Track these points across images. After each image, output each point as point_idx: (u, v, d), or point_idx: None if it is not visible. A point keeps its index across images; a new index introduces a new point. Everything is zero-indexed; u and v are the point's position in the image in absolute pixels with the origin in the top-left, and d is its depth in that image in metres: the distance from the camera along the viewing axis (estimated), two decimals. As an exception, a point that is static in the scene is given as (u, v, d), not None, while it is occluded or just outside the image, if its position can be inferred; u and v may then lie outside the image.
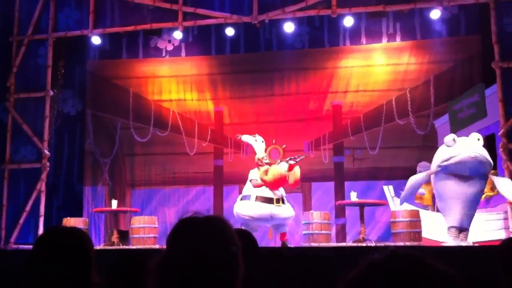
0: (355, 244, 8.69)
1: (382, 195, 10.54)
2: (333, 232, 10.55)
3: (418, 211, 8.96)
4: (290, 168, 8.61)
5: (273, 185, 8.48)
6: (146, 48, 12.63)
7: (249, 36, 12.17)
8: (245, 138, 9.24)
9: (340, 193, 11.43)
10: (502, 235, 8.39)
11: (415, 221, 8.59)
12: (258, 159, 8.82)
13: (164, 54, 12.66)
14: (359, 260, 1.15)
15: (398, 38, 11.83)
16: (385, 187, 10.58)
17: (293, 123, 12.21)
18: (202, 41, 12.44)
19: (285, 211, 8.73)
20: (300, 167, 9.00)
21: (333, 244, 9.28)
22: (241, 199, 8.93)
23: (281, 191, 8.86)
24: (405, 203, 10.23)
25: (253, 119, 12.40)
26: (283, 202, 8.68)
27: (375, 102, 11.96)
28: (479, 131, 10.39)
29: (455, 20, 11.26)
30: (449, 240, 7.62)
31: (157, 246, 9.02)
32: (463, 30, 11.39)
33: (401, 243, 8.25)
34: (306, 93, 12.28)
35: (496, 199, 9.24)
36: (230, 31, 11.82)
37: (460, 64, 11.42)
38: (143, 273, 1.55)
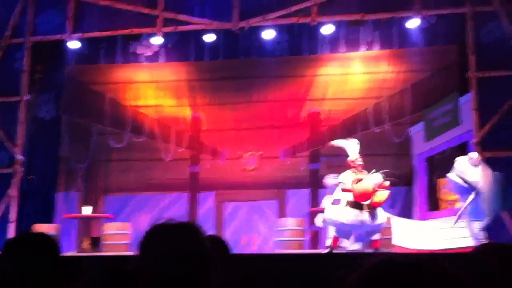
0: (327, 251, 8.70)
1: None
2: (307, 238, 10.56)
3: (389, 218, 9.01)
4: (382, 186, 8.09)
5: (357, 196, 8.09)
6: (125, 53, 12.54)
7: (229, 43, 12.17)
8: (336, 142, 8.99)
9: (315, 200, 11.45)
10: (470, 242, 8.47)
11: (386, 228, 8.63)
12: (351, 161, 8.62)
13: (142, 59, 12.59)
14: (332, 267, 1.14)
15: (376, 47, 11.93)
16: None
17: (271, 130, 12.22)
18: (182, 47, 12.39)
19: (378, 218, 8.19)
20: (278, 174, 8.87)
21: (306, 250, 9.27)
22: (332, 203, 8.57)
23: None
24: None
25: (231, 126, 12.38)
26: (374, 209, 8.18)
27: (353, 110, 12.03)
28: (452, 139, 10.55)
29: (433, 29, 11.39)
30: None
31: (129, 253, 8.92)
32: (441, 40, 11.52)
33: (371, 250, 8.28)
34: (284, 100, 12.30)
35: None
36: (210, 38, 11.79)
37: (437, 73, 11.55)
38: (114, 279, 1.52)
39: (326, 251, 8.44)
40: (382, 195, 7.99)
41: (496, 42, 10.06)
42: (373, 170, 8.30)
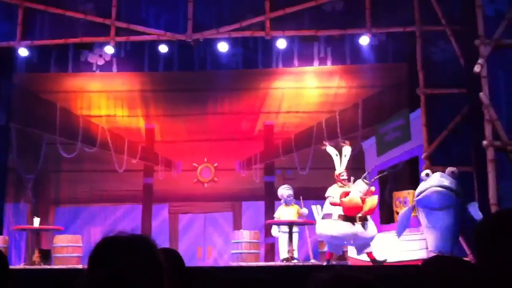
0: (283, 263, 8.74)
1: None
2: (262, 251, 10.58)
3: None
4: (369, 193, 8.21)
5: (347, 210, 8.11)
6: (76, 62, 12.33)
7: (184, 55, 12.15)
8: (329, 149, 8.94)
9: (270, 212, 11.50)
10: (423, 254, 8.69)
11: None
12: (336, 175, 8.59)
13: (94, 68, 12.40)
14: (289, 279, 1.18)
15: (329, 62, 12.16)
16: (313, 207, 10.74)
17: (226, 142, 12.23)
18: (135, 57, 12.29)
19: (370, 229, 8.25)
20: (231, 186, 8.85)
21: (262, 263, 9.29)
22: (323, 217, 8.51)
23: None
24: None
25: (185, 137, 12.33)
26: (366, 220, 8.23)
27: (306, 123, 12.20)
28: (403, 154, 10.83)
29: (383, 47, 11.71)
30: None
31: (80, 266, 8.72)
32: (391, 57, 11.86)
33: (325, 263, 8.37)
34: (239, 113, 12.35)
35: (417, 220, 9.57)
36: (163, 48, 11.74)
37: (388, 90, 11.86)
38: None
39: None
40: (372, 202, 8.09)
41: (444, 60, 10.41)
42: (352, 178, 8.41)
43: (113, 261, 1.43)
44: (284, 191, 9.84)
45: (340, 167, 8.52)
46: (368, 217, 8.24)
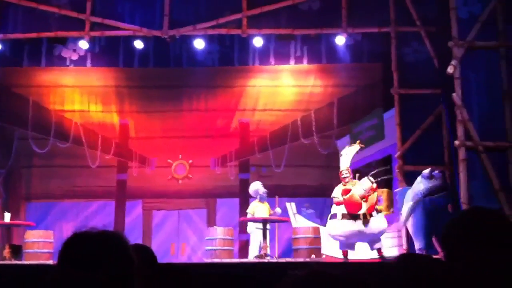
0: (257, 260, 8.76)
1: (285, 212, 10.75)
2: (236, 248, 10.59)
3: (318, 228, 9.21)
4: (371, 191, 8.17)
5: (348, 207, 8.13)
6: (50, 56, 12.15)
7: (159, 51, 12.06)
8: (344, 151, 8.86)
9: (245, 209, 11.51)
10: (395, 252, 8.81)
11: (315, 238, 8.82)
12: (339, 174, 8.57)
13: (68, 63, 12.23)
14: (263, 276, 1.20)
15: (305, 61, 12.21)
16: (287, 204, 10.80)
17: (201, 139, 12.20)
18: (110, 52, 12.16)
19: (375, 224, 8.17)
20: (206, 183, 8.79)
21: (236, 260, 9.30)
22: (330, 218, 8.52)
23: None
24: (305, 220, 10.50)
25: (160, 134, 12.26)
26: (371, 216, 8.18)
27: (281, 121, 12.24)
28: (377, 153, 10.95)
29: (358, 47, 11.80)
30: None
31: (51, 262, 8.61)
32: (366, 57, 11.96)
33: (301, 259, 8.42)
34: (214, 110, 12.33)
35: (391, 217, 9.70)
36: (139, 44, 11.65)
37: (362, 89, 11.97)
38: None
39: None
40: (371, 199, 8.11)
41: (418, 61, 10.55)
42: (357, 175, 8.44)
43: (83, 257, 1.41)
44: (260, 187, 9.86)
45: (344, 165, 8.52)
46: (374, 212, 8.23)
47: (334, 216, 8.42)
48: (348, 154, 8.66)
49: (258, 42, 11.50)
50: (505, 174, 7.78)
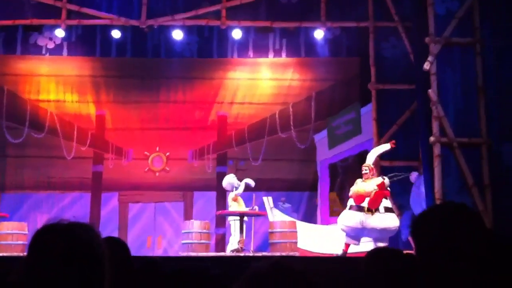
0: (233, 254, 8.77)
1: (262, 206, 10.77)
2: (213, 241, 10.59)
3: (295, 222, 9.25)
4: (381, 186, 8.04)
5: (354, 199, 8.12)
6: (25, 44, 11.95)
7: (137, 41, 11.95)
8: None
9: (222, 202, 11.51)
10: (370, 246, 8.87)
11: (291, 232, 8.86)
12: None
13: (44, 52, 12.04)
14: (241, 269, 1.21)
15: (283, 54, 12.21)
16: (264, 198, 10.82)
17: (178, 131, 12.14)
18: (86, 41, 12.00)
19: (378, 220, 7.99)
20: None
21: (212, 253, 9.29)
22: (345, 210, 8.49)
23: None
24: (282, 214, 10.53)
25: (137, 125, 12.16)
26: (377, 211, 8.03)
27: (260, 115, 12.24)
28: (354, 147, 11.02)
29: (337, 41, 11.85)
30: None
31: (25, 254, 8.49)
32: (344, 51, 12.01)
33: (278, 253, 8.45)
34: (192, 102, 12.27)
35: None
36: (116, 34, 11.53)
37: (340, 84, 12.03)
38: (5, 281, 1.45)
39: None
40: (373, 196, 8.07)
41: (396, 56, 10.62)
42: (387, 176, 8.38)
43: (52, 249, 1.40)
44: (235, 180, 9.82)
45: (367, 161, 8.51)
46: (382, 209, 8.11)
47: (350, 207, 8.41)
48: (375, 151, 8.64)
49: (237, 34, 11.47)
50: (479, 170, 7.89)
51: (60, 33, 11.39)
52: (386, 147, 8.73)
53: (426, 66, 8.19)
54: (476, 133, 8.08)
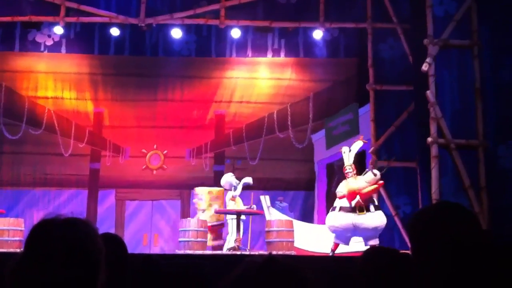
0: (230, 252, 8.78)
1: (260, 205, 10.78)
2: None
3: (291, 221, 9.27)
4: (374, 182, 8.13)
5: (347, 197, 8.15)
6: (24, 41, 11.95)
7: (135, 39, 11.95)
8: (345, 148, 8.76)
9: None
10: (361, 245, 8.88)
11: (288, 231, 8.87)
12: (343, 169, 8.56)
13: (42, 49, 12.04)
14: (235, 268, 1.23)
15: (282, 54, 12.23)
16: (262, 197, 10.83)
17: (176, 130, 12.15)
18: (85, 39, 12.00)
19: (370, 219, 8.08)
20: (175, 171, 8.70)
21: (208, 252, 9.31)
22: (331, 210, 8.52)
23: (371, 199, 8.36)
24: (279, 214, 10.54)
25: (134, 123, 12.16)
26: (368, 210, 8.13)
27: (257, 114, 12.26)
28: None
29: (335, 42, 11.87)
30: None
31: (21, 250, 8.48)
32: (342, 52, 12.03)
33: (274, 252, 8.46)
34: (190, 101, 12.27)
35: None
36: (115, 31, 11.53)
37: (338, 84, 12.05)
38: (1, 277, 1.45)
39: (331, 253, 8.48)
40: (368, 190, 8.11)
41: (394, 57, 10.64)
42: (366, 170, 8.45)
43: (50, 244, 1.40)
44: (233, 179, 9.85)
45: (347, 161, 8.55)
46: (372, 207, 8.22)
47: (333, 208, 8.46)
48: (352, 150, 8.68)
49: (235, 33, 11.48)
50: (475, 172, 7.91)
51: (58, 30, 11.39)
52: (359, 144, 8.78)
53: (424, 67, 8.21)
54: (473, 135, 8.10)
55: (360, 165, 8.86)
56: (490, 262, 1.64)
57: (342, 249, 8.54)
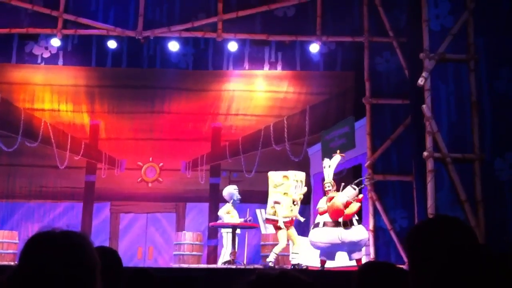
0: (225, 266, 8.73)
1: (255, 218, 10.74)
2: (205, 253, 10.53)
3: (287, 235, 9.21)
4: (356, 199, 8.24)
5: (331, 214, 8.20)
6: (21, 53, 11.96)
7: (133, 51, 11.98)
8: (325, 162, 8.86)
9: (214, 214, 11.48)
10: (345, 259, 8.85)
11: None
12: (323, 186, 8.58)
13: (39, 61, 12.05)
14: (232, 282, 1.23)
15: (279, 67, 12.27)
16: (257, 210, 10.80)
17: (172, 142, 12.13)
18: (82, 51, 12.02)
19: (356, 233, 8.21)
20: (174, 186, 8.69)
21: (203, 265, 9.25)
22: (313, 227, 8.55)
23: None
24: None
25: (130, 135, 12.15)
26: (352, 224, 8.23)
27: (254, 127, 12.26)
28: (348, 161, 11.02)
29: (332, 55, 11.92)
30: None
31: (16, 263, 8.43)
32: (339, 65, 12.08)
33: (277, 266, 8.41)
34: (186, 113, 12.27)
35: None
36: (112, 44, 11.55)
37: (335, 97, 12.08)
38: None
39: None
40: (352, 207, 8.15)
41: (390, 71, 10.68)
42: (343, 184, 8.47)
43: (44, 256, 1.39)
44: (236, 192, 9.84)
45: (328, 177, 8.59)
46: (355, 221, 8.30)
47: (316, 225, 8.48)
48: (331, 166, 8.71)
49: (232, 46, 11.52)
50: (471, 186, 7.91)
51: (56, 42, 11.40)
52: (337, 158, 8.80)
53: (421, 81, 8.23)
54: (469, 149, 8.10)
55: (354, 178, 8.86)
56: (487, 276, 1.63)
57: (329, 264, 8.51)
